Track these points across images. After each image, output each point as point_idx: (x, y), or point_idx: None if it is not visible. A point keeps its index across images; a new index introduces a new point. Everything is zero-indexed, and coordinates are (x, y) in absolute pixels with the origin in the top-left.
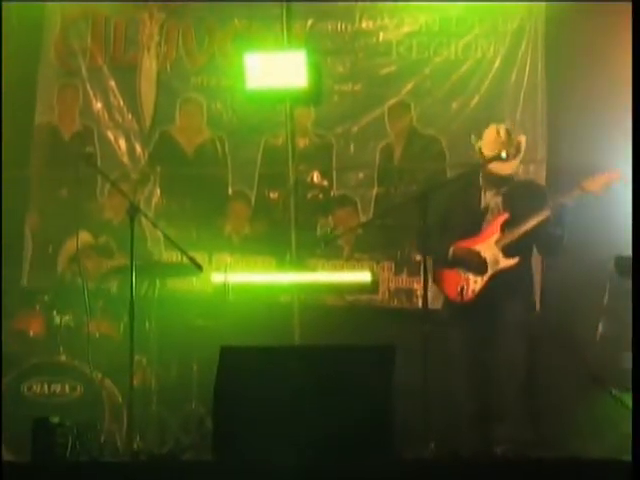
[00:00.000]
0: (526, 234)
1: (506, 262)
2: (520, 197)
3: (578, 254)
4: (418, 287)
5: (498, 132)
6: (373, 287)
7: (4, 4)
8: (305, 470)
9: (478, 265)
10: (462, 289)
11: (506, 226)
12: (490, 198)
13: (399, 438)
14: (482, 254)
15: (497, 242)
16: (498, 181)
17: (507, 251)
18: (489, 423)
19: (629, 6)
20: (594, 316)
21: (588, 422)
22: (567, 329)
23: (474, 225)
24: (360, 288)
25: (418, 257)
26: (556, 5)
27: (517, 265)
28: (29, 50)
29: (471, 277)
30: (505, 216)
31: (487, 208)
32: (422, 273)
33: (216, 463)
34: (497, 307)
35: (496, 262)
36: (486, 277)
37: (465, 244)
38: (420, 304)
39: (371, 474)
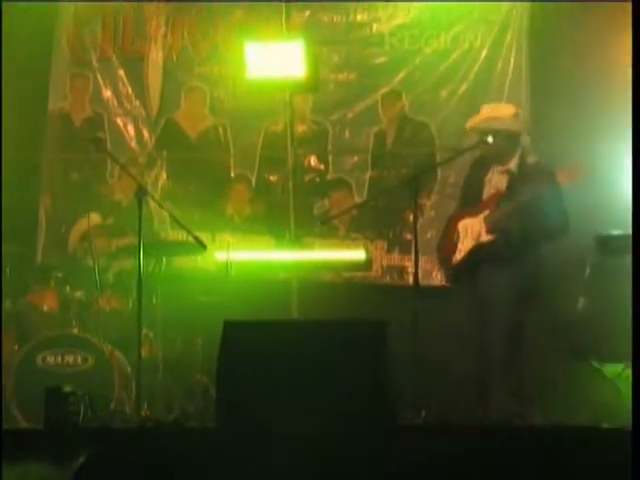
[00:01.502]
0: (508, 214)
1: (486, 237)
2: (523, 179)
3: None
4: (409, 264)
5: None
6: (367, 265)
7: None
8: (303, 438)
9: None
10: (448, 255)
11: (500, 203)
12: (495, 174)
13: (392, 407)
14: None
15: (485, 217)
16: (504, 158)
17: (492, 227)
18: (479, 392)
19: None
20: (576, 291)
21: (570, 392)
22: (551, 304)
23: (476, 198)
24: (355, 266)
25: (409, 236)
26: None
27: (499, 241)
28: (42, 41)
29: (459, 245)
30: (500, 193)
31: (490, 182)
32: (414, 251)
33: (219, 431)
34: (479, 279)
35: (479, 236)
36: (468, 248)
37: (462, 215)
38: (411, 281)
39: (366, 441)
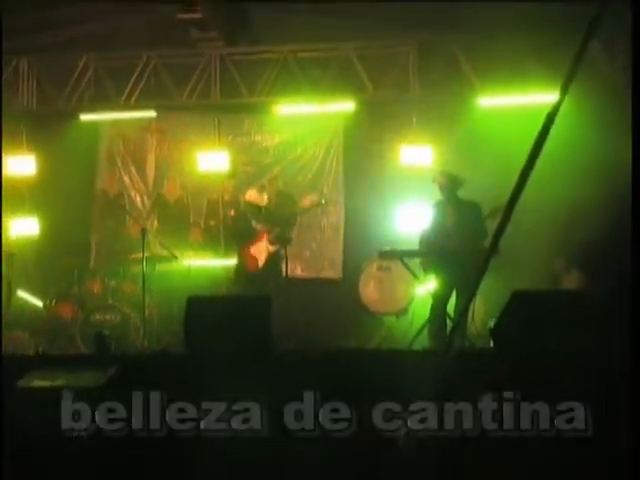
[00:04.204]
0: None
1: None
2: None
3: (359, 247)
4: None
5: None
6: None
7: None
8: (227, 360)
9: None
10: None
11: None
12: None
13: (277, 341)
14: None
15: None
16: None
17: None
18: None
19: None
20: (368, 280)
21: (361, 333)
22: (355, 286)
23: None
24: None
25: (282, 251)
26: (349, 132)
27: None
28: (92, 152)
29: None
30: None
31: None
32: (285, 260)
33: (187, 355)
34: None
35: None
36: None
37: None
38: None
39: (263, 359)
